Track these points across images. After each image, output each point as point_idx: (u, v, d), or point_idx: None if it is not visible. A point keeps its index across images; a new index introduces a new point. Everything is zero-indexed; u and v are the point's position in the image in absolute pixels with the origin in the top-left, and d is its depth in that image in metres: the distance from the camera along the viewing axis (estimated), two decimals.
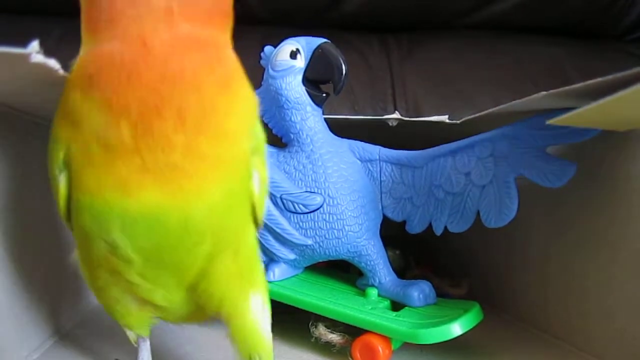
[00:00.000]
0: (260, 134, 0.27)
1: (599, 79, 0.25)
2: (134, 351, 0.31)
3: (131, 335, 0.29)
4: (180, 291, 0.26)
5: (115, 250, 0.23)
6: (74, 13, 0.72)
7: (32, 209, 0.35)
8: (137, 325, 0.29)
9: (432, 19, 0.81)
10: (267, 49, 0.40)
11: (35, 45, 0.20)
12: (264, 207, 0.28)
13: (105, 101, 0.20)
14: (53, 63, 0.22)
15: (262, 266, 0.29)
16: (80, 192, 0.23)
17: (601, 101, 0.24)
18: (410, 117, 0.44)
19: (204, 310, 0.27)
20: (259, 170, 0.27)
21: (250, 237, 0.28)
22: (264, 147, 0.27)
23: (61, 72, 0.22)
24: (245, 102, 0.24)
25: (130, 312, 0.27)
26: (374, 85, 0.74)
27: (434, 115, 0.72)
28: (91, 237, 0.23)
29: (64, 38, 0.70)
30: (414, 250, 0.51)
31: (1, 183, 0.30)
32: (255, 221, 0.28)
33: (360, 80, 0.74)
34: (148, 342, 0.30)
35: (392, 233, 0.42)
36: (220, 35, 0.22)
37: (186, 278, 0.25)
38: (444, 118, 0.41)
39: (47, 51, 0.61)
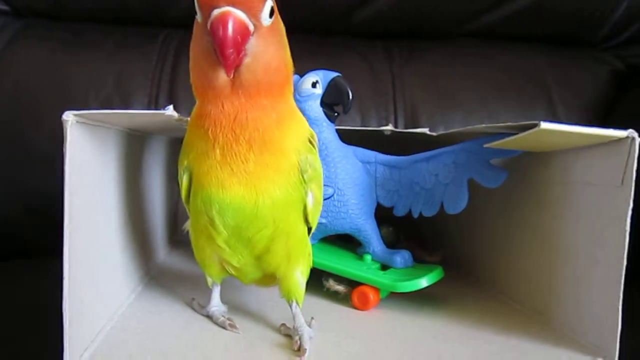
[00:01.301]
0: (319, 169, 0.38)
1: (517, 123, 0.37)
2: (205, 293, 0.44)
3: (209, 280, 0.43)
4: (250, 259, 0.38)
5: (212, 223, 0.36)
6: (128, 22, 0.86)
7: (142, 193, 0.49)
8: (216, 275, 0.42)
9: (431, 27, 0.89)
10: (294, 77, 0.52)
11: (170, 108, 0.35)
12: (316, 218, 0.40)
13: (206, 135, 0.34)
14: (174, 113, 0.36)
15: (308, 248, 0.41)
16: (196, 185, 0.36)
17: (513, 137, 0.38)
18: (402, 127, 0.57)
19: (269, 278, 0.41)
20: (315, 193, 0.38)
21: (299, 230, 0.39)
22: (320, 179, 0.39)
23: (175, 116, 0.36)
24: (295, 133, 0.36)
25: (214, 266, 0.41)
26: (376, 88, 0.83)
27: (428, 115, 0.85)
28: (200, 212, 0.37)
29: (120, 45, 0.81)
30: (404, 228, 0.63)
31: (122, 176, 0.44)
32: (307, 223, 0.39)
33: (365, 83, 0.83)
34: (219, 287, 0.44)
35: (387, 214, 0.54)
36: (277, 96, 0.35)
37: (255, 250, 0.38)
38: (426, 130, 0.54)
39: (106, 57, 0.76)
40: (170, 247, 0.67)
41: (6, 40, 0.80)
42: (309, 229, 0.41)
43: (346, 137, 0.52)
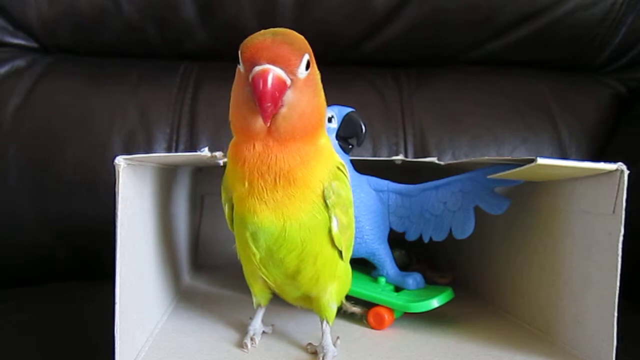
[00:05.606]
0: (344, 195, 0.40)
1: (517, 157, 0.41)
2: (230, 312, 0.48)
3: (255, 300, 0.46)
4: (285, 279, 0.42)
5: (248, 245, 0.40)
6: (148, 55, 0.91)
7: (171, 220, 0.53)
8: (259, 295, 0.46)
9: (437, 56, 0.92)
10: None
11: (206, 149, 0.39)
12: (345, 241, 0.41)
13: (237, 170, 0.38)
14: (208, 153, 0.40)
15: (340, 270, 0.43)
16: (236, 211, 0.40)
17: (514, 170, 0.42)
18: (412, 156, 0.60)
19: (308, 299, 0.44)
20: (339, 217, 0.40)
21: (327, 251, 0.41)
22: (347, 205, 0.41)
23: (208, 155, 0.41)
24: (320, 169, 0.38)
25: (258, 284, 0.45)
26: (387, 114, 0.86)
27: (437, 140, 0.89)
28: (240, 234, 0.41)
29: (142, 78, 0.85)
30: (416, 251, 0.66)
31: (155, 207, 0.48)
32: (337, 248, 0.41)
33: (376, 110, 0.86)
34: (264, 309, 0.47)
35: (400, 238, 0.57)
36: (308, 139, 0.37)
37: (287, 271, 0.41)
38: (434, 159, 0.58)
39: (129, 89, 0.80)
40: (193, 271, 0.71)
41: (37, 75, 0.84)
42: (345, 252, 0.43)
43: (360, 166, 0.56)
